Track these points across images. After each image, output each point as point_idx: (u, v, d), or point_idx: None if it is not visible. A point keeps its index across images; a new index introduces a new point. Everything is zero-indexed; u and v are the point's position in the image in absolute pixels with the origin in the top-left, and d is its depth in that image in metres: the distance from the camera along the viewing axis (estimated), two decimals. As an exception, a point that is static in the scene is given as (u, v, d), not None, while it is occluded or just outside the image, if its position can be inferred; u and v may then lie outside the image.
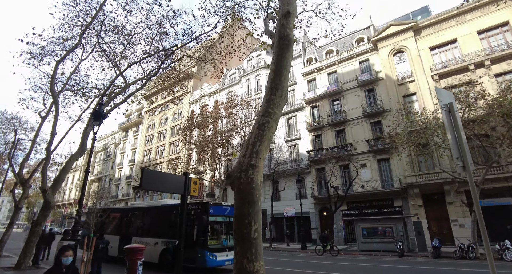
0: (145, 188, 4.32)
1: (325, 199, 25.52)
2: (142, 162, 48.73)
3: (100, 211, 14.61)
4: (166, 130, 46.70)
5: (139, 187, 4.21)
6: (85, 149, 11.62)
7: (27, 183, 14.91)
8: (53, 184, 10.79)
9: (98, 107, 9.18)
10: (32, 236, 10.13)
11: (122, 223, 15.13)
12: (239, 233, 3.57)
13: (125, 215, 15.40)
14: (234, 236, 3.61)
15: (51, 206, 10.52)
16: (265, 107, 4.42)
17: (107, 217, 14.65)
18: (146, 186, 4.31)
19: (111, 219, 14.58)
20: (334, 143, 26.70)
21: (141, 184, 4.26)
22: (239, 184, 3.85)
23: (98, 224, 14.32)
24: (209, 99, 41.13)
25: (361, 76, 27.10)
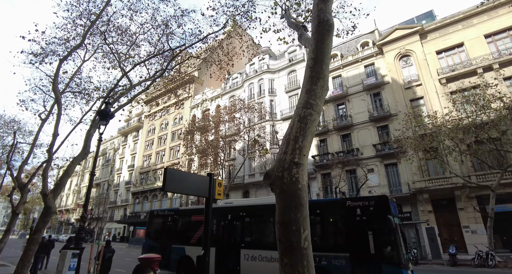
0: (168, 189, 3.78)
1: (331, 205, 24.88)
2: (141, 167, 47.99)
3: (170, 214, 12.77)
4: (167, 135, 46.11)
5: (162, 188, 3.66)
6: (88, 151, 11.04)
7: (25, 188, 14.26)
8: (54, 188, 10.18)
9: (104, 106, 8.65)
10: (31, 243, 9.47)
11: (223, 229, 11.31)
12: (286, 242, 3.03)
13: (226, 218, 11.32)
14: (279, 245, 3.06)
15: (52, 212, 9.89)
16: (306, 98, 3.90)
17: (183, 221, 12.63)
18: (169, 187, 3.77)
19: (192, 224, 11.88)
20: (340, 147, 26.21)
21: (164, 185, 3.72)
22: (282, 185, 3.32)
23: (158, 231, 12.91)
24: (211, 104, 40.69)
25: (367, 80, 26.78)
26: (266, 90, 32.97)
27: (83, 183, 62.69)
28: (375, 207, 8.14)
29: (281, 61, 34.23)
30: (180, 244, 11.67)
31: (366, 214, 8.15)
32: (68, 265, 6.41)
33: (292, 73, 32.80)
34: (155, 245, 12.55)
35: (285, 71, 33.19)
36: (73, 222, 61.62)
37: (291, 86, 31.89)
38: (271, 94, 32.66)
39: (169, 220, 12.97)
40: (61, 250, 6.95)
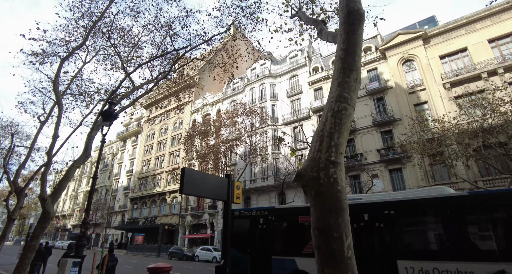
0: (186, 191, 3.39)
1: (334, 211, 24.44)
2: (140, 173, 47.37)
3: (262, 215, 9.95)
4: (166, 140, 45.64)
5: (180, 191, 3.27)
6: (89, 154, 10.62)
7: (22, 192, 13.77)
8: (53, 192, 9.72)
9: (108, 106, 8.28)
10: (27, 251, 8.98)
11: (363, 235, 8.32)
12: (327, 251, 2.65)
13: (361, 219, 8.34)
14: (318, 254, 2.68)
15: (51, 217, 9.42)
16: (339, 91, 3.54)
17: (285, 224, 9.95)
18: (188, 189, 3.39)
19: (299, 227, 9.49)
20: (344, 152, 25.81)
21: (182, 186, 3.33)
22: (319, 186, 2.94)
23: (245, 238, 9.92)
24: (211, 109, 40.38)
25: (370, 85, 26.59)
26: (267, 95, 32.73)
27: (80, 188, 61.87)
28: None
29: (283, 66, 34.08)
30: (286, 255, 9.03)
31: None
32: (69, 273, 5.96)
33: (294, 78, 32.62)
34: (242, 257, 9.64)
35: (286, 76, 33.01)
36: (70, 228, 60.58)
37: (293, 91, 31.67)
38: (273, 99, 32.41)
39: (261, 223, 10.16)
40: (61, 258, 6.49)
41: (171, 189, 39.66)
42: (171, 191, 39.65)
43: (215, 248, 24.42)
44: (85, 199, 59.81)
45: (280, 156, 29.07)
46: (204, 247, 25.29)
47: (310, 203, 3.00)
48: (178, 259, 25.81)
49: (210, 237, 32.09)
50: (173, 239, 35.84)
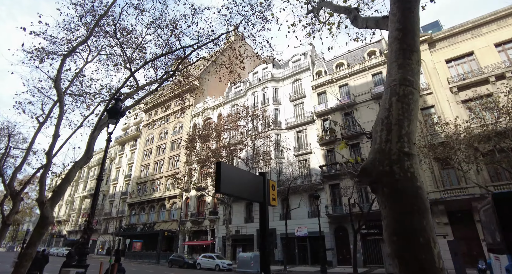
0: (224, 191, 2.82)
1: (340, 217, 23.84)
2: (139, 177, 46.51)
3: None
4: (166, 144, 44.93)
5: (217, 189, 2.70)
6: (91, 155, 10.01)
7: (18, 196, 13.06)
8: (53, 195, 9.07)
9: (114, 103, 7.73)
10: (23, 259, 8.28)
11: None
12: (411, 260, 2.10)
13: None
14: (400, 266, 2.12)
15: (49, 222, 8.74)
16: (401, 74, 2.99)
17: None
18: (225, 188, 2.82)
19: None
20: (349, 157, 25.31)
21: (219, 185, 2.76)
22: (394, 182, 2.38)
23: None
24: (212, 113, 39.86)
25: (375, 89, 26.23)
26: (270, 98, 32.30)
27: (77, 193, 60.73)
28: None
29: (285, 70, 33.75)
30: None
31: None
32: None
33: (297, 82, 32.25)
34: None
35: (289, 80, 32.65)
36: (65, 234, 59.24)
37: (296, 95, 31.25)
38: (276, 102, 31.97)
39: None
40: (62, 268, 5.84)
41: (170, 194, 38.84)
42: (171, 196, 38.82)
43: (217, 256, 23.61)
44: (80, 205, 58.63)
45: (283, 161, 28.49)
46: (206, 254, 24.47)
47: (382, 202, 2.45)
48: (179, 267, 24.94)
49: (211, 244, 31.22)
50: (172, 246, 34.90)
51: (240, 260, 20.02)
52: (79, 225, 53.47)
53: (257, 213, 29.00)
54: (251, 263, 19.36)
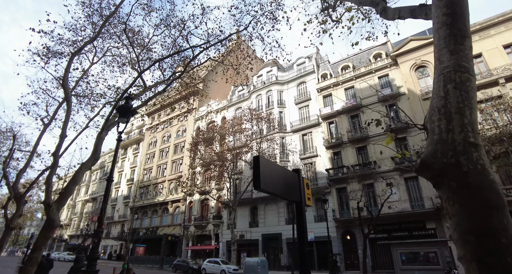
0: (264, 188, 2.51)
1: (348, 222, 23.40)
2: (141, 181, 46.15)
3: None
4: (169, 148, 44.65)
5: (256, 186, 2.39)
6: (98, 156, 9.73)
7: (22, 199, 12.77)
8: (59, 197, 8.77)
9: (124, 101, 7.46)
10: (28, 264, 7.95)
11: None
12: (494, 264, 1.79)
13: None
14: (478, 268, 1.80)
15: (56, 226, 8.43)
16: (455, 60, 2.69)
17: None
18: (266, 185, 2.52)
19: None
20: (356, 160, 24.97)
21: (259, 181, 2.46)
22: (463, 176, 2.08)
23: None
24: (216, 116, 39.63)
25: (381, 91, 25.95)
26: (274, 101, 32.06)
27: (78, 197, 60.38)
28: None
29: (290, 73, 33.56)
30: None
31: None
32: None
33: (301, 85, 32.03)
34: None
35: (294, 83, 32.43)
36: (67, 239, 58.77)
37: (301, 98, 31.00)
38: (280, 105, 31.72)
39: None
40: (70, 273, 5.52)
41: (174, 198, 38.46)
42: (174, 200, 38.43)
43: (223, 261, 23.14)
44: (82, 208, 58.24)
45: (288, 164, 28.12)
46: (211, 259, 24.00)
47: (448, 198, 2.14)
48: (183, 272, 24.46)
49: (215, 249, 30.74)
50: (175, 251, 34.40)
51: (247, 265, 19.55)
52: (80, 229, 53.01)
53: (262, 217, 28.61)
54: (258, 268, 18.89)
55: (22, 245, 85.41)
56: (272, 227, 27.47)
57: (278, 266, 25.47)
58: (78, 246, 48.73)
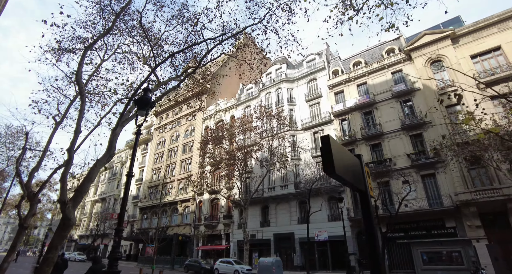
0: (338, 173, 2.08)
1: (363, 221, 22.81)
2: (150, 181, 46.10)
3: None
4: (178, 148, 44.47)
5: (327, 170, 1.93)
6: (113, 152, 9.41)
7: (35, 197, 12.54)
8: (74, 195, 8.46)
9: (143, 93, 7.10)
10: (44, 264, 7.64)
11: None
12: None
13: None
14: None
15: (72, 224, 8.12)
16: None
17: None
18: (339, 170, 2.10)
19: None
20: (370, 158, 24.35)
21: (331, 166, 2.04)
22: None
23: None
24: (225, 115, 39.30)
25: (396, 87, 25.30)
26: (284, 99, 31.59)
27: (88, 198, 60.65)
28: None
29: (299, 70, 33.05)
30: None
31: None
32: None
33: (312, 82, 31.50)
34: None
35: (304, 80, 31.91)
36: (77, 239, 59.08)
37: (312, 95, 30.48)
38: (290, 103, 31.23)
39: None
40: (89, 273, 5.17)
41: (183, 197, 38.25)
42: (183, 199, 38.22)
43: (235, 261, 22.74)
44: (92, 209, 58.47)
45: (300, 162, 27.63)
46: (223, 259, 23.63)
47: None
48: (195, 272, 24.14)
49: (226, 249, 30.38)
50: (185, 251, 34.14)
51: (261, 265, 19.12)
52: (90, 229, 53.13)
53: (273, 217, 28.16)
54: (273, 268, 18.45)
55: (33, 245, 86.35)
56: (284, 226, 27.00)
57: (291, 266, 24.99)
58: (88, 246, 48.90)
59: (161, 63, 11.78)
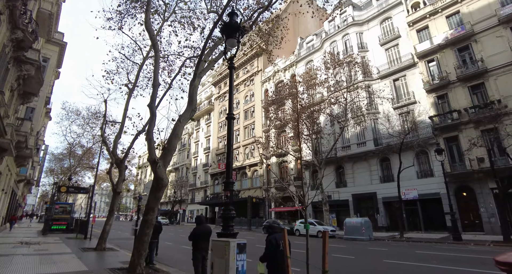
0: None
1: (463, 176, 19.63)
2: (217, 149, 47.31)
3: None
4: (239, 114, 44.13)
5: None
6: (195, 106, 8.41)
7: (122, 164, 12.67)
8: (163, 153, 7.78)
9: (228, 19, 5.58)
10: (144, 226, 7.23)
11: None
12: None
13: None
14: None
15: (165, 184, 7.51)
16: None
17: None
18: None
19: None
20: (470, 102, 20.30)
21: None
22: None
23: None
24: (284, 75, 36.97)
25: (503, 9, 19.93)
26: (354, 46, 27.86)
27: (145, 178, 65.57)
28: None
29: (369, 10, 28.50)
30: None
31: None
32: (235, 267, 3.52)
33: (386, 22, 26.98)
34: None
35: (376, 20, 27.48)
36: (158, 205, 65.33)
37: (387, 37, 26.19)
38: (362, 50, 27.43)
39: None
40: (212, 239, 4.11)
41: (251, 162, 38.39)
42: (251, 164, 38.39)
43: (317, 221, 21.90)
44: (168, 178, 63.36)
45: (378, 116, 24.61)
46: (303, 220, 23.00)
47: None
48: (274, 233, 24.10)
49: (300, 210, 29.87)
50: (259, 212, 34.78)
51: (348, 226, 17.84)
52: (168, 196, 57.80)
53: (350, 177, 26.32)
54: (362, 229, 17.03)
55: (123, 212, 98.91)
56: (363, 186, 25.03)
57: (375, 227, 23.18)
58: (169, 211, 53.63)
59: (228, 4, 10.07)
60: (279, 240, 4.19)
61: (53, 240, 14.96)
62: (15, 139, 15.91)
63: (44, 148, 42.50)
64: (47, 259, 8.72)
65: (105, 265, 8.08)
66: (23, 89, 17.22)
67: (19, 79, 15.61)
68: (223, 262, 3.62)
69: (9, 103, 14.87)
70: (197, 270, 5.75)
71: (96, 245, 11.47)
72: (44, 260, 8.58)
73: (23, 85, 16.75)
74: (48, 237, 16.70)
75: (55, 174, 43.15)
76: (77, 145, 37.95)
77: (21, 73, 14.72)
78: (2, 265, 7.75)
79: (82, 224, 18.47)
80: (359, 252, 12.47)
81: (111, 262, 8.78)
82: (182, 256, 11.17)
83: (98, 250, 11.05)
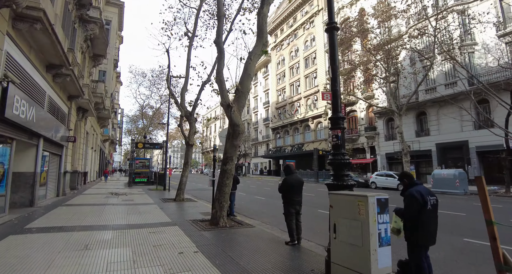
0: None
1: None
2: (277, 102, 46.02)
3: None
4: (299, 63, 41.24)
5: None
6: (266, 40, 7.01)
7: (192, 116, 12.28)
8: (236, 97, 6.80)
9: None
10: (224, 177, 6.62)
11: None
12: None
13: None
14: None
15: (241, 131, 6.63)
16: None
17: None
18: None
19: None
20: None
21: None
22: None
23: None
24: (350, 10, 32.28)
25: None
26: (444, -39, 22.15)
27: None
28: None
29: None
30: None
31: None
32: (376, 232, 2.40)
33: None
34: None
35: None
36: (224, 159, 68.84)
37: None
38: (455, -35, 21.68)
39: None
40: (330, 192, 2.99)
41: (313, 114, 36.42)
42: (314, 116, 36.47)
43: (396, 174, 19.97)
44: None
45: (476, 48, 20.02)
46: (381, 172, 21.29)
47: None
48: (346, 185, 23.02)
49: (372, 162, 27.88)
50: (324, 165, 33.75)
51: (437, 178, 15.68)
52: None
53: (434, 124, 23.00)
54: (456, 182, 14.77)
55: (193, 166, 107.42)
56: (450, 134, 21.65)
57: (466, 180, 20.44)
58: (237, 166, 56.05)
59: None
60: (426, 195, 2.89)
61: (137, 191, 16.17)
62: (93, 99, 16.80)
63: (120, 111, 46.63)
64: (133, 209, 9.01)
65: (187, 216, 7.95)
66: (92, 51, 17.72)
67: (87, 41, 15.87)
68: (357, 225, 2.52)
69: (82, 65, 15.39)
70: (291, 227, 4.90)
71: (175, 196, 11.75)
72: (130, 210, 8.87)
73: (91, 47, 17.14)
74: (133, 189, 18.23)
75: (132, 133, 47.43)
76: (147, 106, 40.39)
77: (87, 33, 14.81)
78: (97, 213, 8.14)
79: (160, 176, 19.72)
80: (465, 207, 10.61)
81: (191, 213, 8.70)
82: (258, 207, 10.88)
83: (178, 201, 11.30)
